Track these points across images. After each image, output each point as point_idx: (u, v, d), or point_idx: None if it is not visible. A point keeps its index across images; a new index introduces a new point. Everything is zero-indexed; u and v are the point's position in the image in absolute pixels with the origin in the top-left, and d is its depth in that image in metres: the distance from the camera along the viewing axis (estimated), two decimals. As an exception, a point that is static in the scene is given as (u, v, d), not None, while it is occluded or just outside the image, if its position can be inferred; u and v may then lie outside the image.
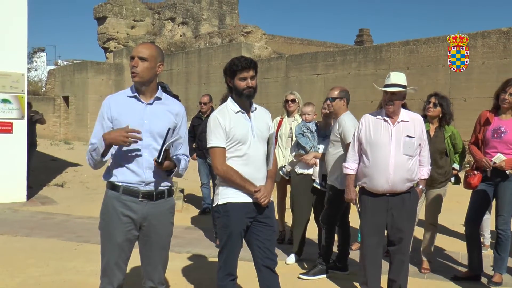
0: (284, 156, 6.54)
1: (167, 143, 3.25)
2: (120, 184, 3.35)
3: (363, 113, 4.75)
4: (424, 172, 4.57)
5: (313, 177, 5.85)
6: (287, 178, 6.46)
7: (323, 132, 5.93)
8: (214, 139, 3.68)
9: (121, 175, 3.36)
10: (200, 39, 23.95)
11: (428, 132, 5.42)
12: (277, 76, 18.31)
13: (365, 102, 14.55)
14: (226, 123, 3.68)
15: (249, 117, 3.77)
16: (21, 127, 9.45)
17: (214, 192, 4.00)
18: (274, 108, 16.01)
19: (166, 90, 7.78)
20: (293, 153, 6.09)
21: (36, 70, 35.98)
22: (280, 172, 6.45)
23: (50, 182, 11.96)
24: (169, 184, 3.48)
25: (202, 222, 8.00)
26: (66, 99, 26.67)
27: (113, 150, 3.34)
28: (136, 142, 3.25)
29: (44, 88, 30.71)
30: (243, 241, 3.81)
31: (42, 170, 13.44)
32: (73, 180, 12.52)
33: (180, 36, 26.31)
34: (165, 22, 26.80)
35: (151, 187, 3.37)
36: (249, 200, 3.70)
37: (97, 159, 3.33)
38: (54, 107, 27.02)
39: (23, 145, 9.47)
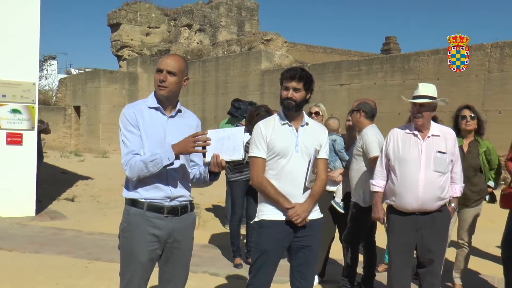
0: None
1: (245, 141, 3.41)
2: (143, 200, 3.37)
3: (390, 126, 4.74)
4: (457, 189, 4.53)
5: (334, 195, 5.82)
6: None
7: (348, 146, 5.93)
8: (254, 149, 3.82)
9: (144, 191, 3.37)
10: (218, 47, 24.09)
11: (461, 147, 5.38)
12: (299, 86, 18.32)
13: (392, 114, 14.47)
14: (268, 133, 3.80)
15: (297, 131, 3.81)
16: (31, 139, 9.53)
17: None
18: (295, 120, 15.99)
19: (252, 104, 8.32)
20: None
21: (46, 78, 36.44)
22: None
23: (59, 195, 12.05)
24: (191, 198, 3.54)
25: (219, 240, 8.00)
26: (77, 109, 26.91)
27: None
28: (206, 146, 3.31)
29: (54, 98, 31.08)
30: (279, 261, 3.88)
31: (51, 183, 13.55)
32: (83, 194, 12.61)
33: (197, 43, 26.48)
34: (181, 29, 26.99)
35: (176, 202, 3.42)
36: (284, 218, 3.76)
37: (153, 170, 3.27)
38: (64, 117, 27.28)
39: (33, 157, 9.55)
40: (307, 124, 3.89)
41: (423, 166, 4.31)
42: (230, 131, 3.43)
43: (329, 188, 5.88)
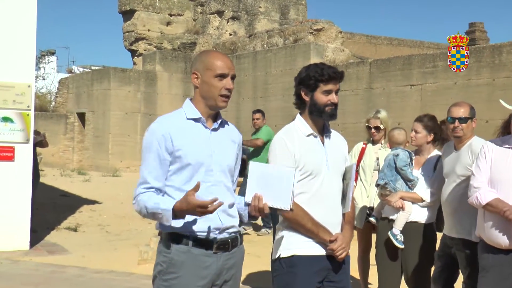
0: (368, 196, 6.48)
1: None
2: (188, 234, 3.40)
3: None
4: None
5: (393, 224, 5.71)
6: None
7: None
8: None
9: (188, 223, 3.38)
10: (256, 39, 24.18)
11: None
12: (357, 88, 18.23)
13: (478, 122, 14.26)
14: (296, 148, 3.74)
15: (323, 143, 3.80)
16: (25, 153, 9.61)
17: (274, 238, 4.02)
18: (353, 130, 15.90)
19: None
20: (378, 191, 6.04)
21: (44, 79, 37.16)
22: (371, 219, 6.38)
23: (59, 224, 12.18)
24: (239, 229, 3.57)
25: (257, 281, 7.97)
26: (81, 116, 27.22)
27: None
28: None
29: (53, 103, 31.56)
30: None
31: (49, 208, 13.72)
32: (89, 222, 12.74)
33: (230, 34, 26.62)
34: (210, 17, 27.17)
35: (225, 235, 3.45)
36: (322, 252, 3.74)
37: (156, 220, 3.40)
38: (66, 126, 27.61)
39: (27, 176, 9.63)
40: (330, 133, 3.91)
41: None
42: (277, 171, 3.43)
43: (390, 216, 5.77)
